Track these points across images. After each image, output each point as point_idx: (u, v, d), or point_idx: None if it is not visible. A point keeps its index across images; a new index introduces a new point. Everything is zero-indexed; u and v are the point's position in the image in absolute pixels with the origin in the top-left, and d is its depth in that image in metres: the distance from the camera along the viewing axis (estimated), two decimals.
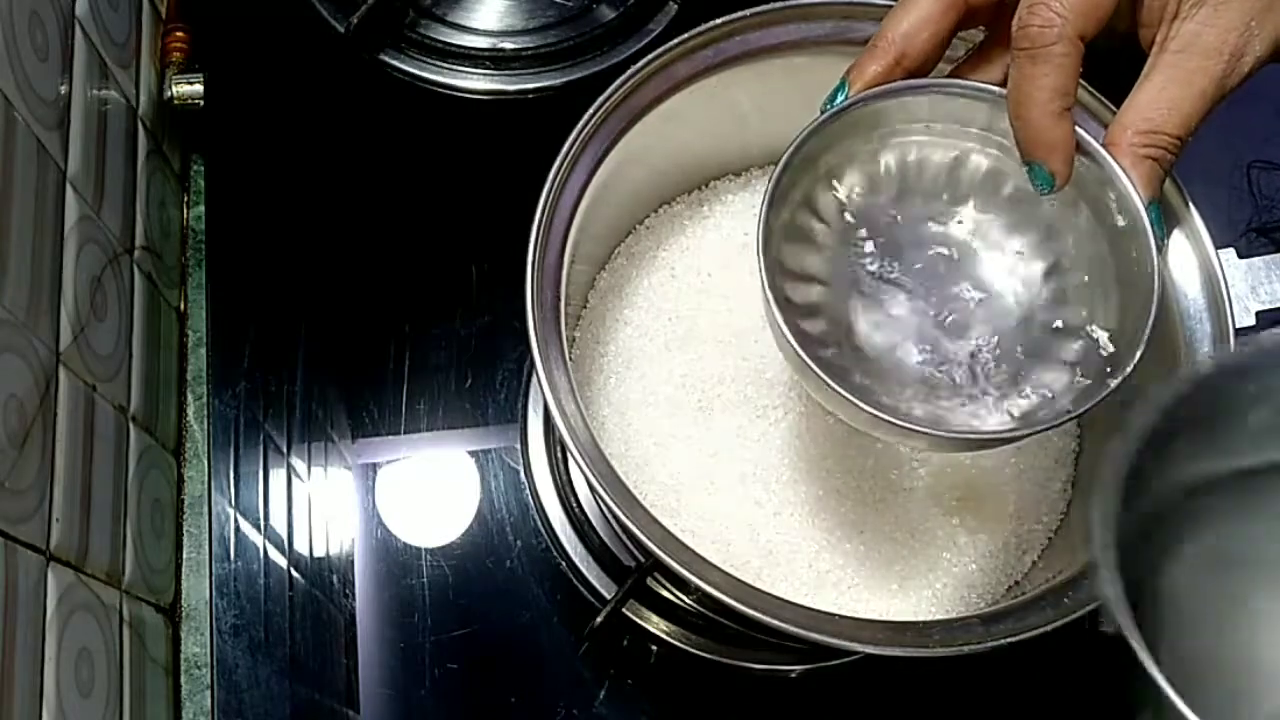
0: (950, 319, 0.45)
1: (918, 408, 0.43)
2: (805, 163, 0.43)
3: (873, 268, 0.45)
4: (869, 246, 0.45)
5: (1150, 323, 0.40)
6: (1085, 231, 0.43)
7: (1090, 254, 0.43)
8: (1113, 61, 0.43)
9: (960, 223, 0.46)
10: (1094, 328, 0.43)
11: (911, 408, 0.43)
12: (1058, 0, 0.39)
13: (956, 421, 0.43)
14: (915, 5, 0.42)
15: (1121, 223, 0.41)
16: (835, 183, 0.45)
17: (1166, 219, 0.45)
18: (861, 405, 0.40)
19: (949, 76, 0.44)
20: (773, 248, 0.42)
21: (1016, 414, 0.43)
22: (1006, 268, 0.45)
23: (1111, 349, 0.42)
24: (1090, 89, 0.47)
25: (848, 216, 0.45)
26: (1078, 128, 0.41)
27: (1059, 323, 0.44)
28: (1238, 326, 0.45)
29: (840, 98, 0.43)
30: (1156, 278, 0.40)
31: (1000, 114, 0.42)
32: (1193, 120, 0.40)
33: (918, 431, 0.40)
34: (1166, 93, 0.40)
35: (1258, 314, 0.47)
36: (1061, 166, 0.41)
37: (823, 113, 0.43)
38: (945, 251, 0.45)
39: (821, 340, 0.43)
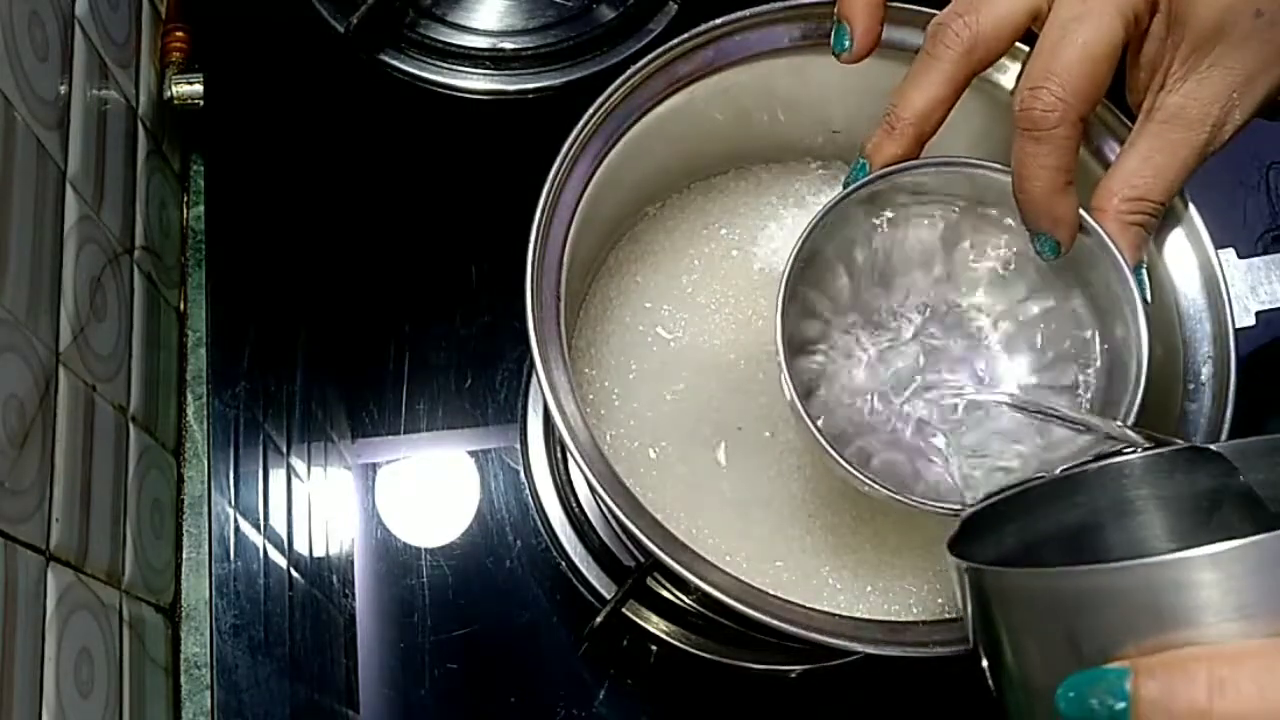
0: (945, 389, 0.46)
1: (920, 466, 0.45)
2: (824, 235, 0.45)
3: (874, 336, 0.47)
4: (873, 315, 0.47)
5: (1141, 388, 0.42)
6: (1075, 300, 0.45)
7: (1079, 321, 0.45)
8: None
9: (963, 291, 0.48)
10: (1082, 396, 0.45)
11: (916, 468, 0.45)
12: (1058, 84, 0.40)
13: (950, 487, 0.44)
14: (925, 84, 0.42)
15: (1108, 286, 0.43)
16: (847, 253, 0.47)
17: (1167, 219, 0.46)
18: (887, 490, 0.41)
19: None
20: (789, 318, 0.44)
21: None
22: (999, 335, 0.47)
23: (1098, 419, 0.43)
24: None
25: (856, 284, 0.47)
26: None
27: (1048, 391, 0.46)
28: (1238, 326, 0.45)
29: (860, 175, 0.44)
30: (1145, 340, 0.42)
31: (1006, 188, 0.43)
32: (1175, 187, 0.42)
33: (929, 507, 0.42)
34: (1151, 161, 0.42)
35: (1257, 314, 0.47)
36: (1066, 236, 0.42)
37: (845, 188, 0.44)
38: (946, 319, 0.47)
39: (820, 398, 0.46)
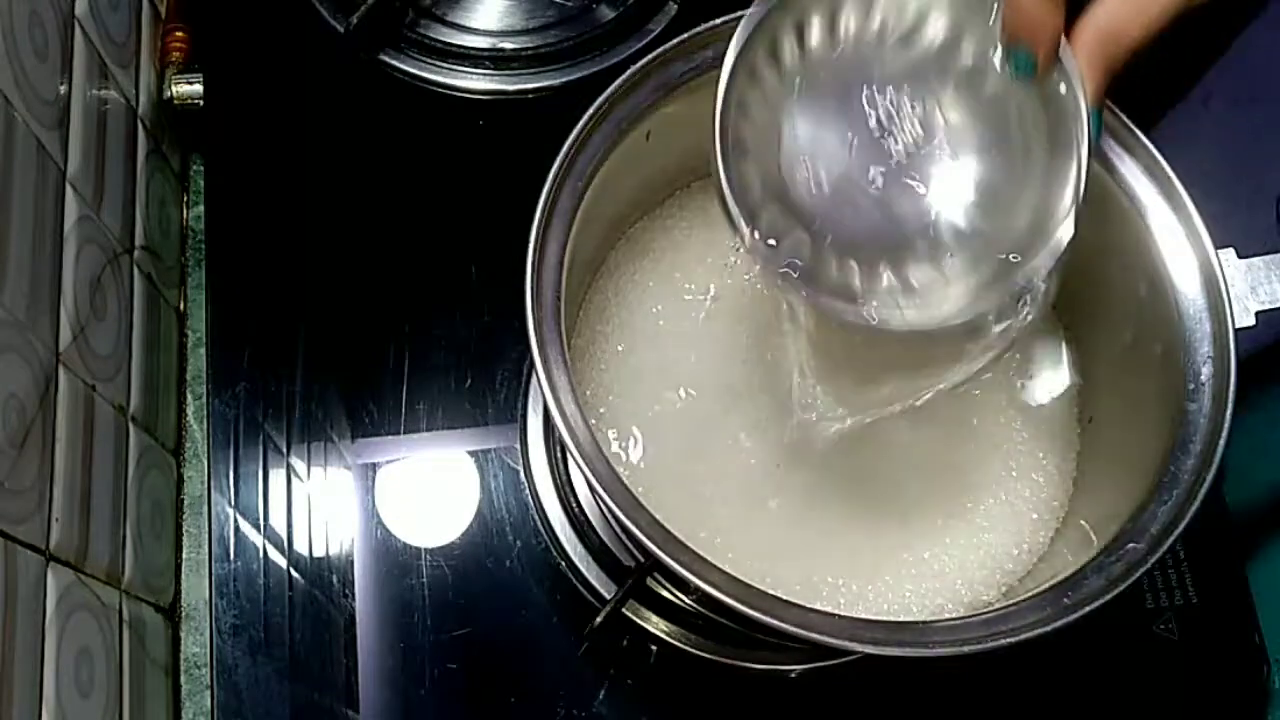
0: (898, 181, 0.44)
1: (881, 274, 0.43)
2: (777, 12, 0.43)
3: (827, 125, 0.44)
4: (825, 102, 0.44)
5: (1071, 219, 0.41)
6: (1025, 120, 0.43)
7: (1026, 144, 0.43)
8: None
9: (916, 91, 0.45)
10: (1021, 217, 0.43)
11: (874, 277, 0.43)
12: None
13: (925, 290, 0.43)
14: None
15: (1062, 118, 0.41)
16: (798, 35, 0.44)
17: (1167, 218, 0.46)
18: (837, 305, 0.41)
19: None
20: (731, 108, 0.42)
21: (973, 287, 0.43)
22: (949, 140, 0.45)
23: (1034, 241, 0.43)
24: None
25: (806, 68, 0.44)
26: None
27: (994, 205, 0.44)
28: (1238, 326, 0.45)
29: None
30: (1083, 180, 0.41)
31: None
32: (1153, 27, 0.40)
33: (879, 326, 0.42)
34: None
35: (1257, 314, 0.47)
36: (1045, 52, 0.40)
37: None
38: (896, 114, 0.45)
39: (771, 196, 0.44)
